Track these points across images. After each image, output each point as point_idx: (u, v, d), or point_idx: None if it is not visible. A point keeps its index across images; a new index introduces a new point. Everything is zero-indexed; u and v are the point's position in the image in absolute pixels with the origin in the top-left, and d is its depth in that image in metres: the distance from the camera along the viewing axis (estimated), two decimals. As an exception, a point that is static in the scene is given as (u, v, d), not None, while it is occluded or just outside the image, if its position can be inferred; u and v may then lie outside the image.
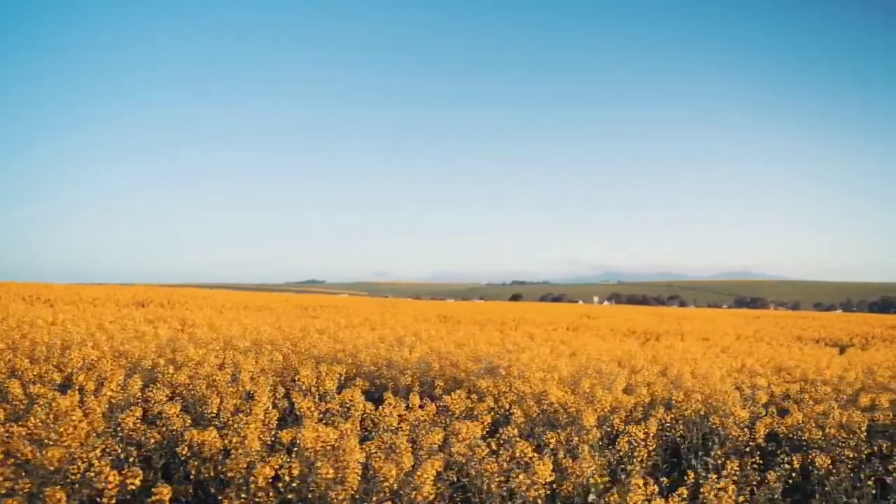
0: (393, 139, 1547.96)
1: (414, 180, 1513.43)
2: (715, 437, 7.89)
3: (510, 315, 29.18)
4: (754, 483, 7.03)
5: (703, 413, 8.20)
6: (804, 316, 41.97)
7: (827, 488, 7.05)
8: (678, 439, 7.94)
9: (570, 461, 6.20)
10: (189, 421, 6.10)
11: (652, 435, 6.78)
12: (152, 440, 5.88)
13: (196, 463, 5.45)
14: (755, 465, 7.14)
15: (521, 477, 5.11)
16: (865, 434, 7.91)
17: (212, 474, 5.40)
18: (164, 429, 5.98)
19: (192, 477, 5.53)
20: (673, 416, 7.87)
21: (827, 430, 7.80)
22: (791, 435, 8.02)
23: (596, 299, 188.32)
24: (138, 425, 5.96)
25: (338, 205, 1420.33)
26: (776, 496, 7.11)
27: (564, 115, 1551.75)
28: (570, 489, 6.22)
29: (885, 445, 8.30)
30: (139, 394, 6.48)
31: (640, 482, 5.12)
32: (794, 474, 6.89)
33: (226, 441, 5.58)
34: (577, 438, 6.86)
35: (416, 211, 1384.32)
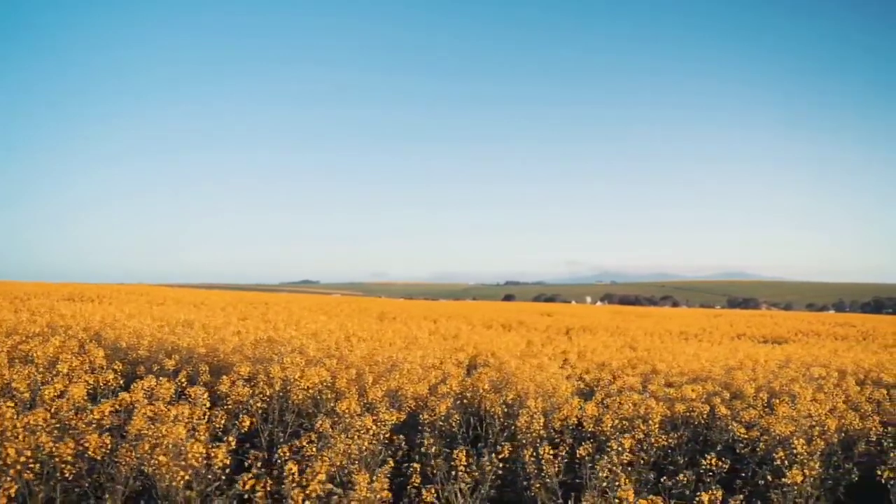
0: (391, 139, 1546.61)
1: (411, 181, 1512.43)
2: (490, 429, 7.54)
3: (450, 312, 28.81)
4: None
5: (493, 404, 7.81)
6: (763, 315, 41.68)
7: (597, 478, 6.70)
8: (454, 430, 7.56)
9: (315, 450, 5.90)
10: None
11: (388, 424, 6.42)
12: None
13: None
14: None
15: (162, 459, 4.77)
16: (658, 425, 7.58)
17: None
18: None
19: None
20: (449, 405, 7.48)
21: (617, 422, 7.45)
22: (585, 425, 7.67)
23: (589, 299, 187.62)
24: None
25: (335, 205, 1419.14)
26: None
27: (561, 115, 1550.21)
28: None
29: (679, 436, 7.94)
30: None
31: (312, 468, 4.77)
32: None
33: None
34: (325, 424, 6.52)
35: (413, 212, 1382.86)
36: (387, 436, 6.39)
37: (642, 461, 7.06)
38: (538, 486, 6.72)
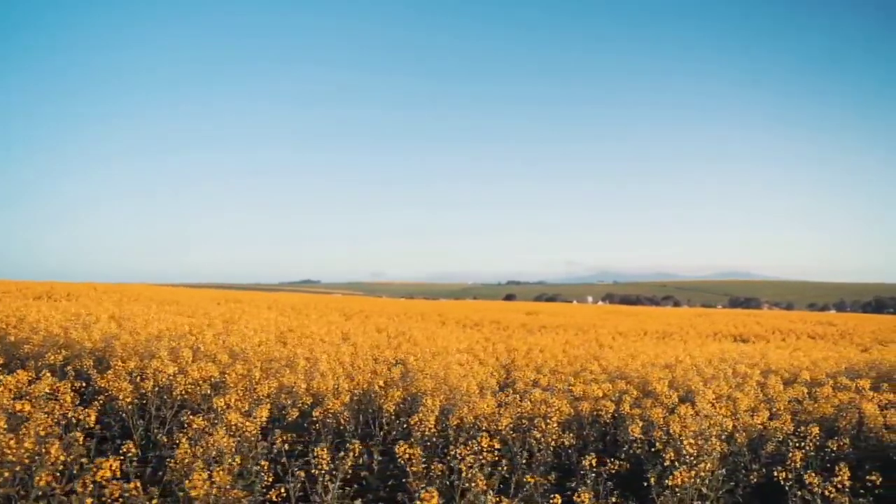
0: (391, 139, 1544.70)
1: (412, 181, 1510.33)
2: (380, 427, 7.30)
3: (422, 311, 28.59)
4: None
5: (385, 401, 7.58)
6: (749, 314, 41.35)
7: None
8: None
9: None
10: None
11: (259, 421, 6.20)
12: None
13: None
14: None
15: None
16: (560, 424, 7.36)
17: None
18: None
19: None
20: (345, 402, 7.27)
21: (512, 421, 7.24)
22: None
23: (590, 299, 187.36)
24: None
25: (335, 205, 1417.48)
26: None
27: (561, 115, 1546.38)
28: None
29: (585, 435, 7.70)
30: None
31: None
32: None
33: None
34: (198, 420, 6.30)
35: (414, 212, 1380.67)
36: (253, 432, 6.14)
37: (526, 463, 6.82)
38: (423, 485, 6.51)
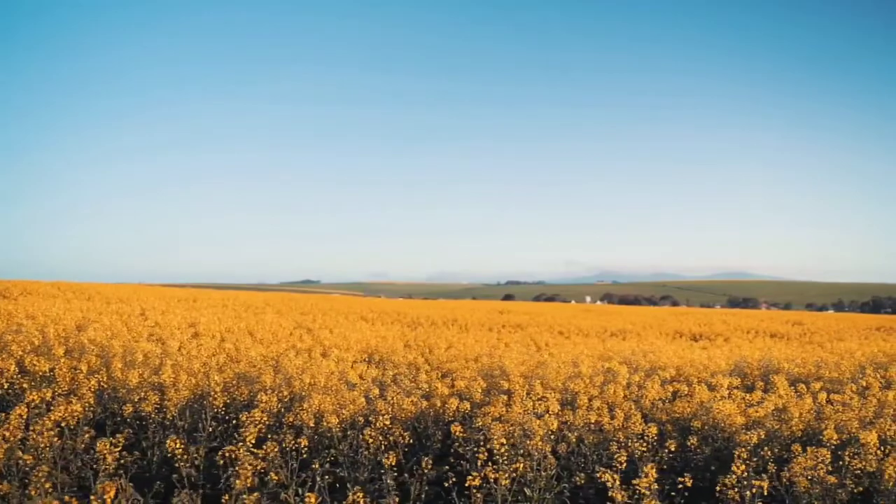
0: (391, 139, 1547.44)
1: (412, 181, 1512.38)
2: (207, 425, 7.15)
3: (385, 309, 28.44)
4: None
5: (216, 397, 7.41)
6: (719, 313, 41.22)
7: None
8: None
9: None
10: None
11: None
12: None
13: None
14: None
15: None
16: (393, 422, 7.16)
17: None
18: None
19: None
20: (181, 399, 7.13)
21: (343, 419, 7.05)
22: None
23: (588, 299, 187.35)
24: None
25: (336, 205, 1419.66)
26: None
27: (561, 115, 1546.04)
28: None
29: (430, 434, 7.50)
30: None
31: None
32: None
33: None
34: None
35: (414, 212, 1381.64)
36: (49, 427, 5.96)
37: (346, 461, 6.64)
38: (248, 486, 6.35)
